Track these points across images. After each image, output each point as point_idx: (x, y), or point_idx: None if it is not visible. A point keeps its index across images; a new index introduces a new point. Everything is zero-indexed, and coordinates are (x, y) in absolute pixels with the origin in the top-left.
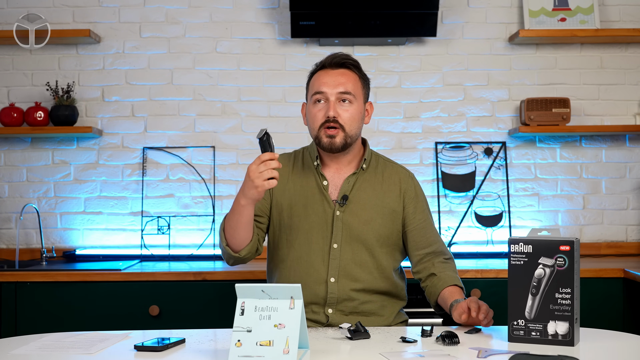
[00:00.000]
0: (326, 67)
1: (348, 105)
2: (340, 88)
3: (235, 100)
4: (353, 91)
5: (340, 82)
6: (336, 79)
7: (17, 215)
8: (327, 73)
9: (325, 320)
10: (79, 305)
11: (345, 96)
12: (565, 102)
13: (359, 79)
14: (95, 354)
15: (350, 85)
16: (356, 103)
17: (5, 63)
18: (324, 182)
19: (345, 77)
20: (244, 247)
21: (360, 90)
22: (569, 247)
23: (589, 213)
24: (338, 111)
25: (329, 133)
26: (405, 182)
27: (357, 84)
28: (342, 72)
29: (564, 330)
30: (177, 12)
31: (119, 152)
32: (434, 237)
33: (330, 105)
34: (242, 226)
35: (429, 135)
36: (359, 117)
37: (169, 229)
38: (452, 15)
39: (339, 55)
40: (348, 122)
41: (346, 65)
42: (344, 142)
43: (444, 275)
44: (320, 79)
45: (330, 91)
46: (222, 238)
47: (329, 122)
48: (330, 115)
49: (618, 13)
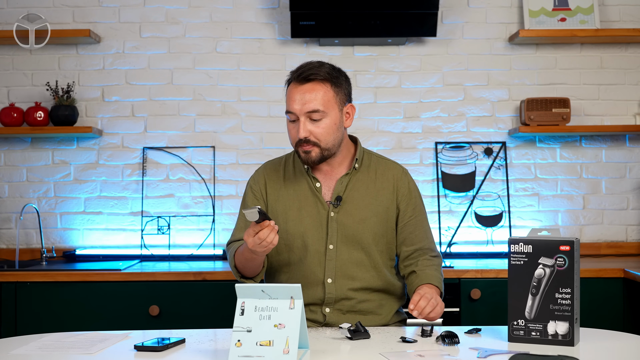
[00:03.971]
0: (294, 81)
1: (319, 122)
2: (307, 107)
3: (235, 100)
4: (322, 106)
5: (307, 100)
6: (303, 97)
7: (17, 215)
8: (296, 89)
9: (322, 319)
10: (79, 306)
11: (314, 115)
12: (565, 102)
13: (331, 88)
14: (95, 354)
15: (319, 101)
16: (328, 116)
17: (5, 63)
18: (316, 184)
19: (314, 92)
20: (258, 274)
21: (332, 101)
22: (569, 247)
23: (589, 213)
24: (309, 129)
25: (304, 149)
26: (399, 179)
27: (328, 94)
28: (310, 87)
29: (564, 330)
30: (177, 12)
31: (119, 152)
32: (423, 235)
33: (300, 126)
34: (256, 265)
35: (429, 135)
36: (335, 128)
37: (169, 229)
38: (452, 15)
39: (305, 69)
40: (322, 137)
41: (313, 79)
42: (320, 156)
43: (422, 273)
44: (291, 96)
45: (300, 109)
46: (234, 272)
47: (302, 142)
48: (301, 136)
49: (618, 13)
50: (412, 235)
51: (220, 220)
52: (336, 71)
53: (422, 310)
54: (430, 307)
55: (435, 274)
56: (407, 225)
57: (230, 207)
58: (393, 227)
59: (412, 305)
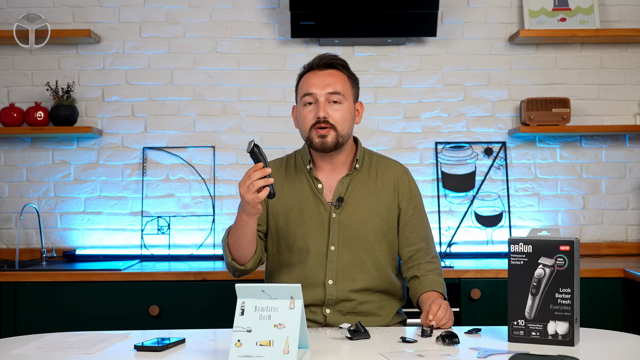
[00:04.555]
0: (314, 69)
1: (338, 105)
2: (329, 88)
3: (235, 100)
4: (342, 91)
5: (328, 83)
6: (324, 80)
7: (17, 215)
8: (316, 74)
9: (323, 320)
10: (79, 305)
11: (334, 97)
12: (565, 102)
13: (348, 79)
14: (95, 354)
15: (339, 85)
16: (346, 103)
17: (5, 63)
18: (318, 185)
19: (334, 77)
20: (250, 259)
21: (349, 90)
22: (569, 247)
23: (589, 213)
24: (328, 111)
25: (320, 133)
26: (400, 178)
27: (346, 83)
28: (331, 72)
29: (564, 330)
30: (177, 12)
31: (119, 152)
32: (424, 234)
33: (320, 106)
34: (246, 240)
35: (429, 135)
36: (350, 117)
37: (169, 229)
38: (452, 15)
39: (326, 56)
40: (339, 121)
41: (334, 66)
42: (336, 141)
43: (425, 279)
44: (309, 81)
45: (320, 92)
46: (226, 253)
47: (320, 123)
48: (321, 116)
49: (618, 13)
50: (414, 235)
51: (220, 220)
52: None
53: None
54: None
55: (438, 279)
56: (408, 225)
57: (230, 207)
58: (395, 226)
59: (432, 315)
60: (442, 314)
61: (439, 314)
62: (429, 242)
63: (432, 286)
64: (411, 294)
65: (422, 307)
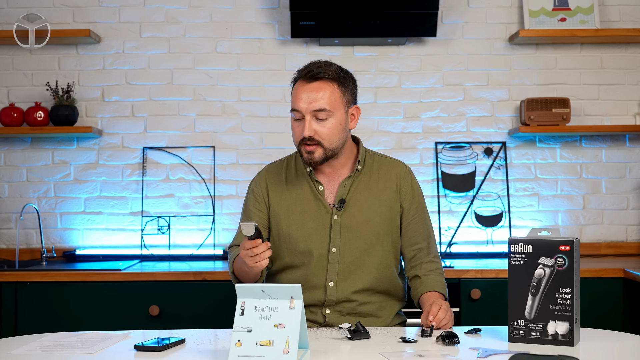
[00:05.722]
0: (301, 80)
1: (324, 122)
2: (314, 105)
3: (235, 100)
4: (329, 105)
5: (313, 99)
6: (310, 96)
7: (17, 215)
8: (303, 87)
9: (322, 320)
10: (79, 305)
11: (320, 114)
12: (565, 102)
13: (338, 88)
14: (95, 354)
15: (326, 99)
16: (334, 116)
17: (5, 63)
18: (319, 187)
19: (321, 91)
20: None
21: (339, 100)
22: (569, 247)
23: (589, 213)
24: (314, 128)
25: (307, 149)
26: (402, 178)
27: (335, 94)
28: (317, 85)
29: (564, 330)
30: (177, 12)
31: (119, 152)
32: (426, 233)
33: (305, 124)
34: (251, 277)
35: (429, 135)
36: (339, 129)
37: (169, 229)
38: (452, 15)
39: (313, 68)
40: (326, 137)
41: (321, 78)
42: (324, 156)
43: (426, 279)
44: (297, 94)
45: (306, 108)
46: (233, 278)
47: (306, 140)
48: (306, 135)
49: (618, 13)
50: (416, 234)
51: (220, 220)
52: (343, 72)
53: (440, 321)
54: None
55: (439, 279)
56: (410, 224)
57: (230, 207)
58: (397, 225)
59: (432, 316)
60: (442, 314)
61: (439, 314)
62: (431, 242)
63: (433, 286)
64: (412, 294)
65: (423, 308)
